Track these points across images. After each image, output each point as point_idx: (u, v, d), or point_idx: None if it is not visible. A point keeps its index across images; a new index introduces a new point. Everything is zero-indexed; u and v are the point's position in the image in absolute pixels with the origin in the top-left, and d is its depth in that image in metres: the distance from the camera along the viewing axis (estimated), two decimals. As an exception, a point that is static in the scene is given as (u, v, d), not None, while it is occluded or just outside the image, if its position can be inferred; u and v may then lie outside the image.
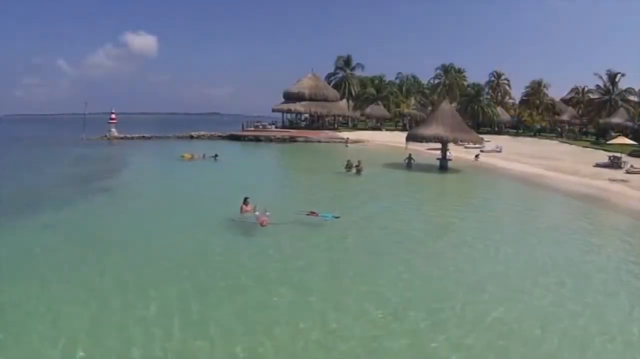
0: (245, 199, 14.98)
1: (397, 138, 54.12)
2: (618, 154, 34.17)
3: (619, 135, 50.81)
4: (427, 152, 37.65)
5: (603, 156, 38.30)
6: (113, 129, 51.52)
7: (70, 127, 69.08)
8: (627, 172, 29.13)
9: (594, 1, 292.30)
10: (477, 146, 35.47)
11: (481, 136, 38.00)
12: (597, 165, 32.68)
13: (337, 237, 13.60)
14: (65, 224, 14.39)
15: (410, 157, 31.66)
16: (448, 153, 31.31)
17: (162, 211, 16.61)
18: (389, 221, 16.12)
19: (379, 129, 73.70)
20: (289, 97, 67.46)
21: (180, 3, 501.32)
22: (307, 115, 71.85)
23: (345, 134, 59.36)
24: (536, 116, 73.17)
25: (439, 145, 32.03)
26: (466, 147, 38.75)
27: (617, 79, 67.44)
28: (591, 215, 19.03)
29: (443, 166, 31.04)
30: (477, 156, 36.34)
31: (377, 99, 77.45)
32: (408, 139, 32.97)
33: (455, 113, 33.55)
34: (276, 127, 65.97)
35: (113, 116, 52.82)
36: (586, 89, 79.26)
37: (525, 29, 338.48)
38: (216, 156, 31.88)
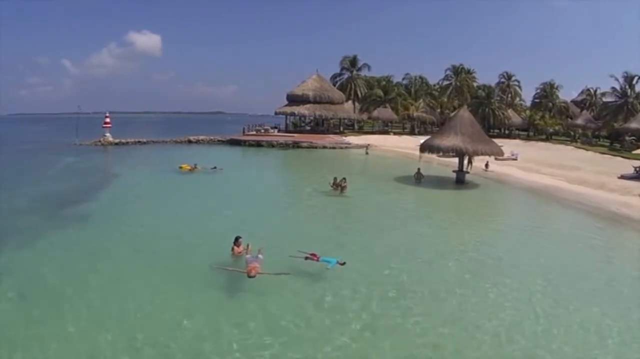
0: (237, 239, 12.88)
1: (406, 143, 51.98)
2: (644, 165, 31.74)
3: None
4: (438, 159, 35.09)
5: (624, 164, 36.17)
6: (107, 134, 49.04)
7: (69, 127, 66.92)
8: (657, 187, 26.69)
9: (596, 1, 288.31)
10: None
11: (493, 139, 35.36)
12: (622, 177, 30.52)
13: (345, 304, 10.31)
14: (21, 272, 11.75)
15: (419, 172, 28.70)
16: (466, 164, 28.84)
17: (140, 251, 13.63)
18: (409, 269, 12.64)
19: (386, 132, 71.35)
20: (293, 99, 65.11)
21: (184, 2, 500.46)
22: (311, 117, 69.33)
23: (352, 139, 57.47)
24: (549, 119, 70.45)
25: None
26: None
27: (634, 82, 64.60)
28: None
29: (460, 179, 28.50)
30: (486, 165, 33.48)
31: (385, 101, 74.68)
32: (423, 149, 30.03)
33: (475, 122, 30.71)
34: (279, 131, 63.59)
35: (107, 119, 49.99)
36: (599, 91, 76.78)
37: (528, 30, 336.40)
38: (215, 167, 30.35)
